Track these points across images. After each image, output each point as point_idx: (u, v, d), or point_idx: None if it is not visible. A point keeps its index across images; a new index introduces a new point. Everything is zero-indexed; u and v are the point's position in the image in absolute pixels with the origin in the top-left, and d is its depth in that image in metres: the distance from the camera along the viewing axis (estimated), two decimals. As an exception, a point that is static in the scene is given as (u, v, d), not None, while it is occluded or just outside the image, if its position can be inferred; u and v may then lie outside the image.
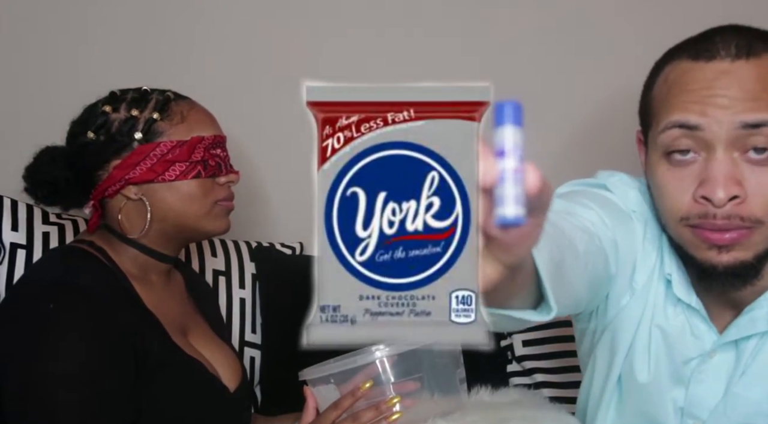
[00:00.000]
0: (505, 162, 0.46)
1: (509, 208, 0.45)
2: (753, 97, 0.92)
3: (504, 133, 0.47)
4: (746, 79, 0.93)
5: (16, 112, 1.68)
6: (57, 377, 1.04)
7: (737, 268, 0.94)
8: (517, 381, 1.55)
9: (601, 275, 0.98)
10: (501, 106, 0.48)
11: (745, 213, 0.92)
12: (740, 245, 0.94)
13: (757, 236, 0.93)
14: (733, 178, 0.92)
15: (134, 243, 1.20)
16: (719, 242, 0.94)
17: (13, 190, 1.47)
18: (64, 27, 1.70)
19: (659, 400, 1.06)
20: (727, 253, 0.94)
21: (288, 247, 1.70)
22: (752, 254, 0.94)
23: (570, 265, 0.82)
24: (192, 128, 1.20)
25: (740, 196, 0.92)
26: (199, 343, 1.25)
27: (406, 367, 1.11)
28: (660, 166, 0.97)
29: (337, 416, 1.10)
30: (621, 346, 1.07)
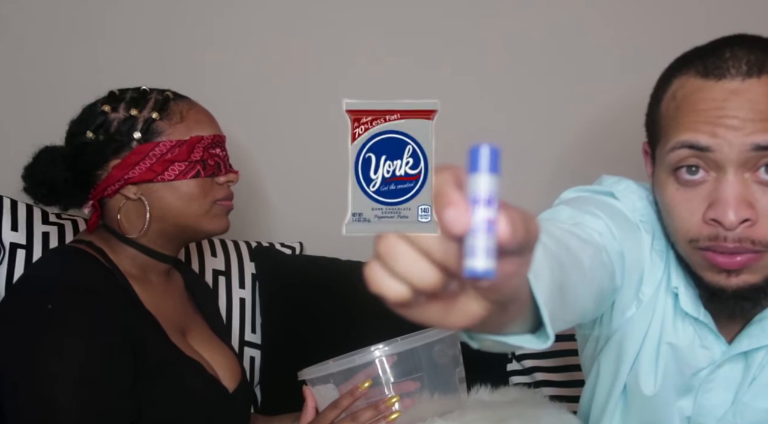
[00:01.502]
0: (477, 212, 0.47)
1: (478, 261, 0.46)
2: (765, 117, 0.90)
3: (478, 181, 0.48)
4: (758, 98, 0.91)
5: (15, 112, 1.68)
6: (56, 377, 1.04)
7: (746, 291, 0.93)
8: (517, 380, 1.55)
9: (607, 287, 0.95)
10: (476, 151, 0.49)
11: (756, 236, 0.90)
12: (749, 268, 0.92)
13: (766, 259, 0.91)
14: (744, 200, 0.90)
15: (133, 243, 1.20)
16: (729, 267, 0.92)
17: (13, 190, 1.47)
18: (64, 27, 1.70)
19: (665, 411, 1.05)
20: (737, 277, 0.92)
21: (288, 247, 1.70)
22: (761, 276, 0.92)
23: (575, 282, 0.81)
24: (191, 128, 1.20)
25: (751, 219, 0.90)
26: (198, 343, 1.25)
27: (406, 366, 1.11)
28: (669, 186, 0.95)
29: (336, 415, 1.10)
30: (626, 358, 1.05)
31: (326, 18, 1.75)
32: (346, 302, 1.58)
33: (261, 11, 1.74)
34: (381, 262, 0.50)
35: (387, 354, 1.10)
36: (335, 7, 1.76)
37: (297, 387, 1.22)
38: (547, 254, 0.72)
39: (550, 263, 0.71)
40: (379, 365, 1.11)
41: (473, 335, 0.67)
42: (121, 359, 1.08)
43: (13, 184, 1.45)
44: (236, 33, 1.74)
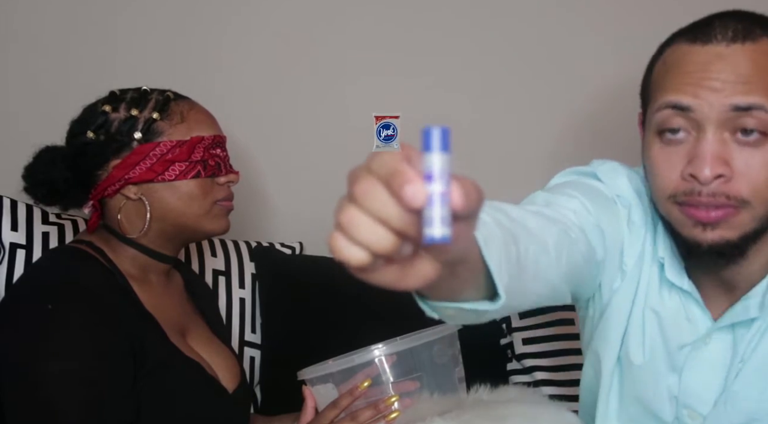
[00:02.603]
0: (432, 186, 0.52)
1: (436, 229, 0.52)
2: (745, 80, 0.93)
3: (432, 159, 0.53)
4: (740, 62, 0.94)
5: (15, 113, 1.68)
6: (56, 377, 1.04)
7: (722, 247, 0.95)
8: (517, 379, 1.55)
9: (581, 262, 0.98)
10: (428, 132, 0.54)
11: (731, 192, 0.93)
12: (726, 223, 0.95)
13: (743, 216, 0.94)
14: (720, 157, 0.93)
15: (133, 243, 1.20)
16: (704, 220, 0.95)
17: (13, 190, 1.47)
18: (64, 27, 1.71)
19: (655, 386, 1.06)
20: (712, 231, 0.95)
21: (288, 247, 1.70)
22: (738, 233, 0.95)
23: (536, 257, 0.85)
24: (192, 128, 1.20)
25: (726, 175, 0.93)
26: (197, 344, 1.25)
27: (405, 366, 1.11)
28: (653, 145, 0.99)
29: (335, 415, 1.10)
30: (617, 328, 1.08)
31: (327, 18, 1.76)
32: (346, 302, 1.58)
33: (261, 12, 1.75)
34: (342, 231, 0.53)
35: (386, 354, 1.10)
36: (336, 7, 1.76)
37: (297, 387, 1.22)
38: (503, 230, 0.77)
39: (503, 237, 0.76)
40: (378, 365, 1.11)
41: (433, 304, 0.72)
42: (121, 360, 1.08)
43: (13, 184, 1.45)
44: (236, 33, 1.75)
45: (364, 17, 1.76)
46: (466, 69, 1.78)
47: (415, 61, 1.76)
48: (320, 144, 1.77)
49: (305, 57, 1.75)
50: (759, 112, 0.92)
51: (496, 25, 1.77)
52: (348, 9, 1.76)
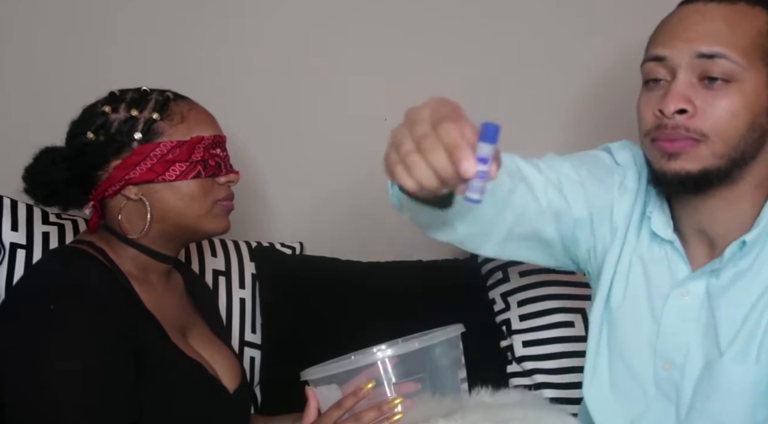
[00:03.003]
0: (480, 166, 0.77)
1: (476, 195, 0.78)
2: (714, 32, 1.04)
3: (483, 147, 0.78)
4: (714, 17, 1.05)
5: (15, 113, 1.68)
6: (58, 377, 1.03)
7: (683, 177, 1.05)
8: (517, 382, 1.55)
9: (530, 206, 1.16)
10: (487, 127, 0.79)
11: (691, 125, 1.04)
12: (687, 155, 1.05)
13: (702, 149, 1.04)
14: (684, 95, 1.04)
15: (134, 243, 1.20)
16: (669, 150, 1.06)
17: (13, 190, 1.47)
18: (64, 27, 1.70)
19: (635, 333, 1.15)
20: (675, 161, 1.05)
21: (288, 247, 1.70)
22: (697, 166, 1.05)
23: (514, 188, 1.13)
24: (192, 128, 1.20)
25: (689, 111, 1.04)
26: (198, 344, 1.25)
27: (407, 368, 1.11)
28: (641, 94, 1.11)
29: (339, 416, 1.09)
30: (606, 275, 1.19)
31: (327, 19, 1.75)
32: (347, 302, 1.58)
33: (261, 12, 1.75)
34: (403, 164, 0.80)
35: (390, 356, 1.10)
36: (335, 7, 1.76)
37: (297, 387, 1.21)
38: None
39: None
40: (381, 366, 1.11)
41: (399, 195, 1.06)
42: (123, 360, 1.08)
43: (13, 184, 1.45)
44: (236, 33, 1.74)
45: (363, 17, 1.76)
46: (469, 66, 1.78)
47: (417, 60, 1.76)
48: (320, 144, 1.77)
49: (305, 57, 1.75)
50: (721, 60, 1.03)
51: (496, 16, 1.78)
52: (347, 9, 1.76)
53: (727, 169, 1.05)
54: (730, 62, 1.03)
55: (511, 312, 1.59)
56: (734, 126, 1.03)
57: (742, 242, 1.07)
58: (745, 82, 1.03)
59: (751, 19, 1.05)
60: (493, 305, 1.63)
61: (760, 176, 1.08)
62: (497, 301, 1.62)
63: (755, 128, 1.04)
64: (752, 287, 1.07)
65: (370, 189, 1.77)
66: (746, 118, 1.04)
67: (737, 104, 1.03)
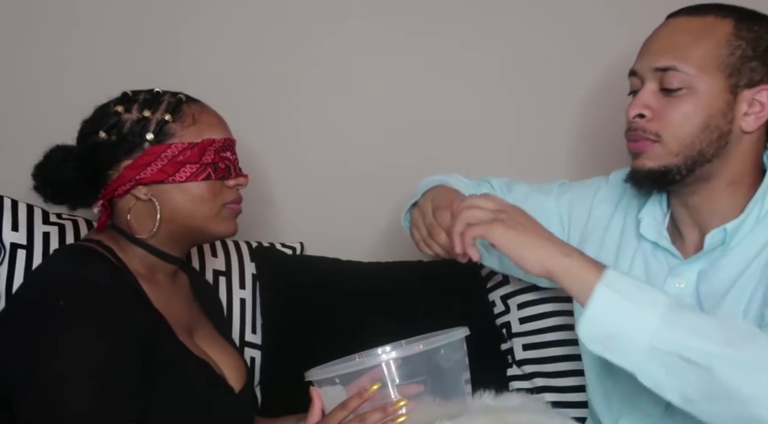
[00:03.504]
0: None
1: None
2: (670, 47, 1.17)
3: None
4: (676, 30, 1.19)
5: (16, 113, 1.67)
6: (66, 375, 1.03)
7: (645, 173, 1.18)
8: (518, 385, 1.54)
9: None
10: None
11: (647, 127, 1.17)
12: (645, 154, 1.18)
13: (658, 149, 1.17)
14: (643, 103, 1.18)
15: (142, 243, 1.20)
16: (632, 149, 1.20)
17: (13, 190, 1.47)
18: (66, 28, 1.69)
19: None
20: (638, 159, 1.19)
21: (288, 247, 1.70)
22: (657, 164, 1.17)
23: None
24: (203, 131, 1.20)
25: (647, 115, 1.18)
26: (204, 343, 1.25)
27: (411, 369, 1.11)
28: None
29: (344, 416, 1.10)
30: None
31: (330, 24, 1.76)
32: (347, 302, 1.59)
33: (263, 13, 1.74)
34: (427, 246, 1.26)
35: (395, 358, 1.10)
36: (340, 13, 1.76)
37: (297, 387, 1.22)
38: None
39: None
40: (385, 368, 1.11)
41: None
42: (131, 358, 1.08)
43: (13, 184, 1.45)
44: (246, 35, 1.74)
45: (366, 23, 1.77)
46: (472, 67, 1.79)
47: (416, 65, 1.77)
48: (321, 144, 1.78)
49: (308, 60, 1.75)
50: (673, 72, 1.15)
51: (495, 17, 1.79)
52: (350, 14, 1.76)
53: (688, 166, 1.16)
54: (681, 73, 1.15)
55: (511, 315, 1.60)
56: (686, 127, 1.15)
57: (723, 230, 1.18)
58: (698, 89, 1.15)
59: (714, 30, 1.16)
60: (493, 307, 1.63)
61: (734, 173, 1.18)
62: (497, 304, 1.62)
63: (710, 129, 1.15)
64: (733, 266, 1.16)
65: (370, 189, 1.78)
66: (699, 120, 1.15)
67: (689, 108, 1.15)
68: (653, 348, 0.97)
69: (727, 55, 1.14)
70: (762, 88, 1.16)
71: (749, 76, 1.15)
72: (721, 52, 1.15)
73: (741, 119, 1.16)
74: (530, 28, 1.79)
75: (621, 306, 0.99)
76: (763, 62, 1.15)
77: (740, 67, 1.15)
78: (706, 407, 0.98)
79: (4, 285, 1.40)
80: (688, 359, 0.96)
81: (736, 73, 1.15)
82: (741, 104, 1.16)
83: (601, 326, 1.00)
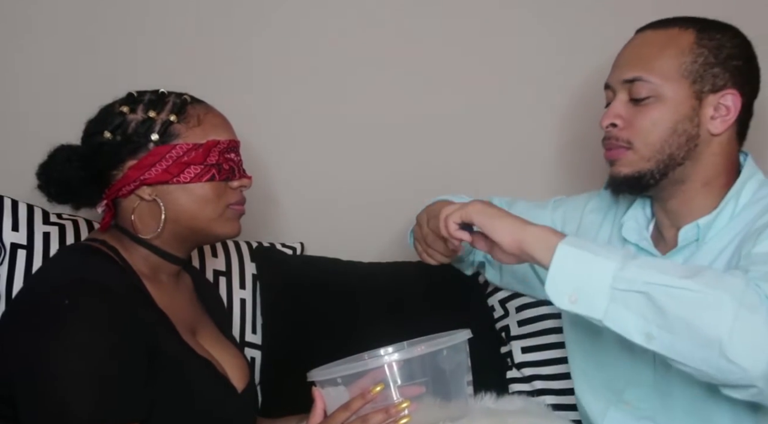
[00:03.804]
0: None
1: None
2: (635, 59, 1.25)
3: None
4: (642, 43, 1.26)
5: (17, 114, 1.66)
6: (71, 373, 1.03)
7: (621, 179, 1.25)
8: (517, 388, 1.54)
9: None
10: None
11: (618, 135, 1.24)
12: (619, 161, 1.25)
13: (630, 156, 1.23)
14: (615, 113, 1.25)
15: (146, 243, 1.20)
16: (608, 158, 1.27)
17: (13, 190, 1.47)
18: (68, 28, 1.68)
19: None
20: (614, 167, 1.26)
21: (289, 247, 1.70)
22: (631, 170, 1.24)
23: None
24: (208, 132, 1.21)
25: (618, 125, 1.24)
26: (207, 343, 1.25)
27: (413, 371, 1.11)
28: None
29: (346, 417, 1.10)
30: None
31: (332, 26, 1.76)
32: (347, 302, 1.59)
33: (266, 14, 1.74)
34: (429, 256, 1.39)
35: (398, 359, 1.10)
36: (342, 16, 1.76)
37: (297, 388, 1.22)
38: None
39: None
40: (387, 369, 1.11)
41: None
42: (135, 357, 1.08)
43: (13, 184, 1.44)
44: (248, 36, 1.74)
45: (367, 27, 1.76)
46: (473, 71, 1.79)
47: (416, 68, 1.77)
48: (321, 145, 1.78)
49: (310, 61, 1.75)
50: (640, 82, 1.22)
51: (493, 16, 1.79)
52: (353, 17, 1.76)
53: (660, 170, 1.22)
54: (648, 83, 1.21)
55: (509, 318, 1.60)
56: (655, 133, 1.21)
57: (696, 226, 1.23)
58: (665, 97, 1.21)
59: (677, 41, 1.22)
60: (493, 312, 1.63)
61: (707, 174, 1.23)
62: (497, 308, 1.62)
63: (678, 133, 1.21)
64: (706, 261, 1.21)
65: (370, 190, 1.78)
66: (667, 125, 1.21)
67: (657, 115, 1.21)
68: (614, 289, 1.03)
69: (690, 63, 1.21)
70: (726, 92, 1.21)
71: (713, 81, 1.21)
72: (685, 61, 1.21)
73: (708, 123, 1.21)
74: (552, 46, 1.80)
75: (581, 257, 1.05)
76: (725, 68, 1.21)
77: (703, 73, 1.20)
78: (668, 341, 1.01)
79: (4, 285, 1.40)
80: (646, 293, 1.01)
81: (700, 79, 1.20)
82: (707, 109, 1.21)
83: (565, 280, 1.06)
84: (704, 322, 0.99)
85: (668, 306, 1.00)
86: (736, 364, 0.98)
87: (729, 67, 1.21)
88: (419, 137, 1.78)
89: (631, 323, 1.03)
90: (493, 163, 1.80)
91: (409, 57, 1.77)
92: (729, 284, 1.01)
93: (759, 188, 1.23)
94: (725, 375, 1.00)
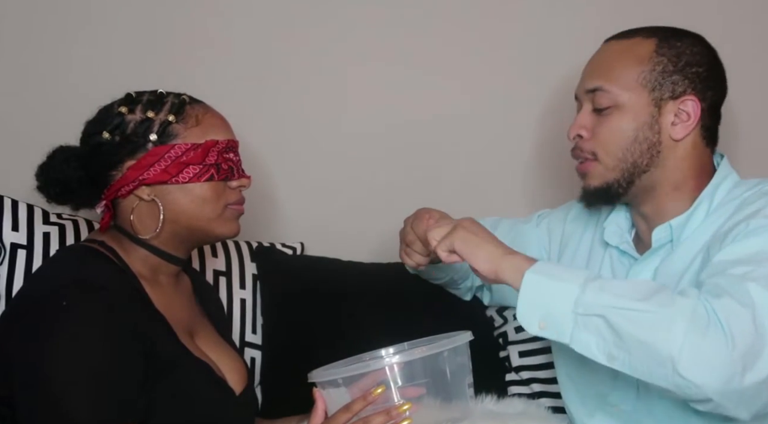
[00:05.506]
0: None
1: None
2: (597, 70, 1.27)
3: None
4: (605, 54, 1.28)
5: (17, 114, 1.66)
6: (69, 374, 1.03)
7: (591, 191, 1.27)
8: (516, 390, 1.54)
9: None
10: None
11: (584, 147, 1.27)
12: (588, 174, 1.27)
13: (597, 167, 1.26)
14: (581, 123, 1.27)
15: (145, 244, 1.20)
16: (579, 171, 1.30)
17: (14, 190, 1.46)
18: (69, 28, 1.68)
19: None
20: (585, 180, 1.29)
21: (289, 247, 1.70)
22: (599, 182, 1.26)
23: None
24: (206, 132, 1.20)
25: (584, 136, 1.27)
26: (205, 345, 1.25)
27: (414, 372, 1.11)
28: None
29: (347, 419, 1.10)
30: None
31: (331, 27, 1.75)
32: (347, 302, 1.58)
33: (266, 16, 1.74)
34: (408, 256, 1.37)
35: (399, 362, 1.10)
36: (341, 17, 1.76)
37: (297, 388, 1.22)
38: None
39: None
40: (389, 370, 1.11)
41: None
42: (133, 358, 1.08)
43: (13, 184, 1.44)
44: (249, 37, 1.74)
45: (368, 27, 1.76)
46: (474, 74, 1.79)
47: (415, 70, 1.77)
48: (321, 145, 1.77)
49: (310, 62, 1.75)
50: (600, 92, 1.24)
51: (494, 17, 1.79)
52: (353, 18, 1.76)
53: (626, 179, 1.24)
54: (607, 92, 1.24)
55: (507, 325, 1.60)
56: (616, 141, 1.23)
57: (668, 226, 1.25)
58: (624, 105, 1.23)
59: (637, 50, 1.24)
60: (493, 321, 1.63)
61: (675, 179, 1.25)
62: (495, 318, 1.62)
63: (639, 141, 1.23)
64: (681, 261, 1.23)
65: (371, 190, 1.78)
66: (627, 134, 1.23)
67: (616, 124, 1.23)
68: (576, 314, 1.06)
69: (648, 72, 1.22)
70: (686, 98, 1.22)
71: (672, 88, 1.22)
72: (643, 69, 1.23)
73: (669, 129, 1.23)
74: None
75: (546, 285, 1.08)
76: (684, 75, 1.22)
77: (662, 81, 1.22)
78: (627, 360, 1.04)
79: (4, 285, 1.40)
80: (603, 316, 1.04)
81: (659, 87, 1.22)
82: (667, 115, 1.23)
83: (533, 307, 1.09)
84: (657, 341, 1.02)
85: (623, 328, 1.03)
86: (689, 380, 1.01)
87: (688, 74, 1.23)
88: (419, 138, 1.78)
89: (594, 344, 1.06)
90: (493, 163, 1.80)
91: (409, 57, 1.77)
92: (680, 304, 1.03)
93: (733, 188, 1.24)
94: (683, 391, 1.03)
